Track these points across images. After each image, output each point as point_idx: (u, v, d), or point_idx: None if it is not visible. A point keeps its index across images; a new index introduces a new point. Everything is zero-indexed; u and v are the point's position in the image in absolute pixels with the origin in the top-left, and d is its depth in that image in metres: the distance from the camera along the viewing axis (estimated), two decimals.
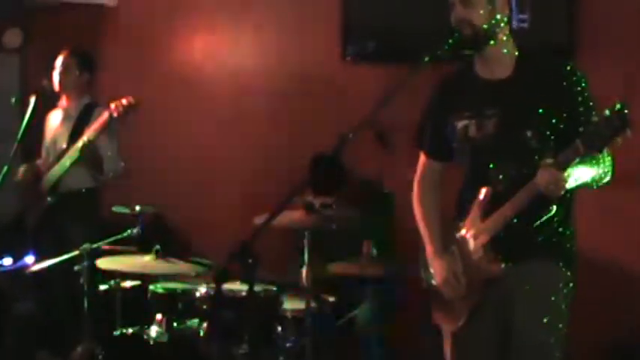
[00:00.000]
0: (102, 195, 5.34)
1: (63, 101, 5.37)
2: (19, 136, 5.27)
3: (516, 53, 3.15)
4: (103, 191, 5.34)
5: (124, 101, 4.90)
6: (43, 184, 5.29)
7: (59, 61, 5.29)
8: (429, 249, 3.34)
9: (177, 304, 4.43)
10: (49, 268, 4.71)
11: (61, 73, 5.28)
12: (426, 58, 3.04)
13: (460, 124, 3.20)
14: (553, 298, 3.08)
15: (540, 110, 3.04)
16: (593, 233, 3.47)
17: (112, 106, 4.92)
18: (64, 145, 5.22)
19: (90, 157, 5.04)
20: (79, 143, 5.01)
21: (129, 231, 4.68)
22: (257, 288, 4.13)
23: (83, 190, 5.24)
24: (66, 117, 5.33)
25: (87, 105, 5.30)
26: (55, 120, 5.41)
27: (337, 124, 2.93)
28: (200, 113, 6.03)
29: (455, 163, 3.33)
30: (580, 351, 3.88)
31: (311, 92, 5.59)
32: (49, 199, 5.25)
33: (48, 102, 5.43)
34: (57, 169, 5.20)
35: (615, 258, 4.58)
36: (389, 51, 5.25)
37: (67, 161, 5.13)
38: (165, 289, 4.48)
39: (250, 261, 2.91)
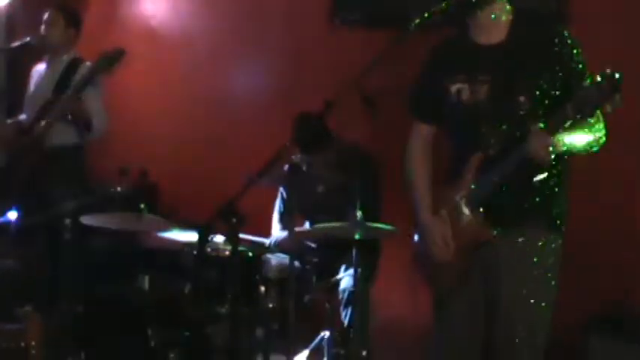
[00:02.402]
0: (87, 152, 5.32)
1: (49, 56, 5.33)
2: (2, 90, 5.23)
3: (511, 18, 3.14)
4: (88, 148, 5.31)
5: (110, 51, 4.87)
6: (27, 139, 5.26)
7: (45, 17, 5.25)
8: (418, 212, 3.36)
9: (161, 263, 4.43)
10: (33, 224, 4.69)
11: (47, 29, 5.25)
12: (417, 21, 3.02)
13: (453, 87, 3.20)
14: (543, 261, 3.11)
15: (533, 76, 3.04)
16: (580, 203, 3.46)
17: (99, 56, 4.89)
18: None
19: (78, 111, 5.01)
20: (67, 95, 4.99)
21: (114, 188, 4.66)
22: (241, 248, 4.14)
23: (68, 147, 5.22)
24: (51, 71, 5.29)
25: (73, 59, 5.26)
26: (39, 74, 5.37)
27: (325, 89, 2.92)
28: (186, 74, 5.99)
29: (445, 128, 3.33)
30: (566, 319, 3.89)
31: (300, 57, 5.56)
32: (34, 154, 5.21)
33: (33, 56, 5.39)
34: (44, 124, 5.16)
35: (603, 228, 4.58)
36: (378, 16, 5.22)
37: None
38: (149, 247, 4.48)
39: (235, 220, 2.92)
